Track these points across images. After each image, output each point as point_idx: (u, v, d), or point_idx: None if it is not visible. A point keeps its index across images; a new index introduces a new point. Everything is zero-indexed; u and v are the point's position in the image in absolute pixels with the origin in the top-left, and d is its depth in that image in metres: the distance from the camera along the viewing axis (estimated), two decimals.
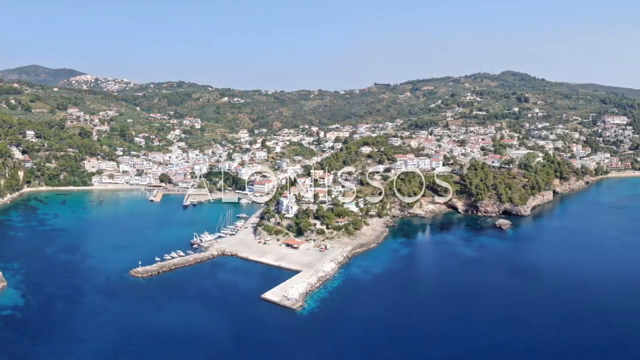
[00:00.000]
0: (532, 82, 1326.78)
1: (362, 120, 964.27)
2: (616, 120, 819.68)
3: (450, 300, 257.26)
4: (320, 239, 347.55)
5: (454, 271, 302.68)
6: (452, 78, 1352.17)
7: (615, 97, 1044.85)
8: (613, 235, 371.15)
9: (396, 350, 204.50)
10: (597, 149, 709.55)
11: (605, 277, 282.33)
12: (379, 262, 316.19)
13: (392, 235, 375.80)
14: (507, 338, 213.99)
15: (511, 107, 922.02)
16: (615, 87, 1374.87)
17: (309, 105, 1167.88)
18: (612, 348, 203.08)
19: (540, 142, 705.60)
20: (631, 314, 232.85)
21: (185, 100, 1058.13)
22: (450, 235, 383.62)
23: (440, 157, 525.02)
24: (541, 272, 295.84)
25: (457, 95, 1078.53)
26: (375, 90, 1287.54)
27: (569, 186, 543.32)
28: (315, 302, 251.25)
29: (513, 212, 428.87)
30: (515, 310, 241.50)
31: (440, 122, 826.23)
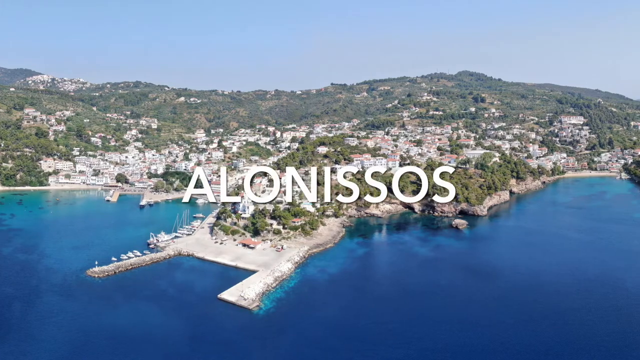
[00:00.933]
0: (488, 82, 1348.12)
1: (319, 120, 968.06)
2: (573, 120, 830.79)
3: (407, 300, 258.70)
4: (276, 239, 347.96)
5: (411, 271, 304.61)
6: (408, 78, 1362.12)
7: (571, 97, 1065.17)
8: (569, 235, 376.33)
9: (352, 351, 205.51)
10: (554, 149, 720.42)
11: (562, 276, 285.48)
12: (336, 262, 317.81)
13: (349, 235, 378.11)
14: (463, 338, 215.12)
15: (468, 107, 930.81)
16: (572, 87, 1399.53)
17: (266, 105, 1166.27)
18: (568, 348, 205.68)
19: (496, 142, 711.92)
20: (587, 313, 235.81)
21: (141, 100, 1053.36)
22: (407, 235, 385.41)
23: (396, 157, 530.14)
24: (497, 272, 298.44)
25: (413, 95, 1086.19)
26: (332, 90, 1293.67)
27: (525, 186, 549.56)
28: (272, 302, 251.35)
29: (469, 212, 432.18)
30: (471, 310, 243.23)
31: (397, 122, 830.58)
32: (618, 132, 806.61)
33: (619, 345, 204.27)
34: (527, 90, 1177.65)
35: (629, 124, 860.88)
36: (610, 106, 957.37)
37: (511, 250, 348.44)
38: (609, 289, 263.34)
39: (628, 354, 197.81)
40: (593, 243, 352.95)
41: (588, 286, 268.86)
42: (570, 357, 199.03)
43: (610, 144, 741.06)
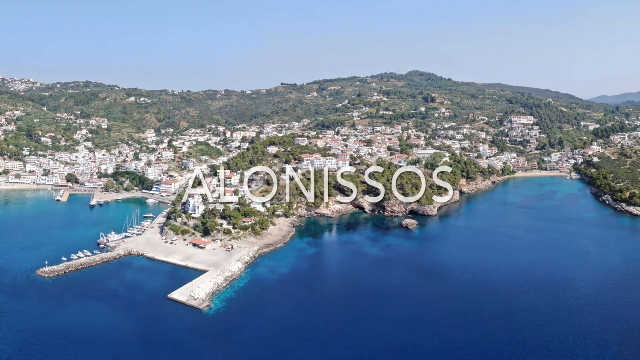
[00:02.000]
0: (438, 82, 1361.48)
1: (269, 120, 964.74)
2: (523, 120, 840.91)
3: (357, 299, 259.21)
4: (227, 239, 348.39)
5: (361, 271, 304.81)
6: (359, 78, 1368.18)
7: (522, 97, 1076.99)
8: (520, 235, 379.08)
9: (303, 351, 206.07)
10: (504, 149, 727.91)
11: (512, 276, 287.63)
12: (286, 262, 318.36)
13: (299, 235, 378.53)
14: (414, 338, 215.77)
15: (418, 107, 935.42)
16: (522, 87, 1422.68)
17: (216, 105, 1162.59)
18: (518, 348, 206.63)
19: (447, 142, 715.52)
20: (537, 313, 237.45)
21: (92, 100, 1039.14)
22: (357, 235, 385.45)
23: (347, 157, 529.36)
24: (448, 271, 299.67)
25: (364, 95, 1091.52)
26: (282, 90, 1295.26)
27: (475, 186, 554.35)
28: (222, 302, 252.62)
29: (420, 212, 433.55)
30: (422, 310, 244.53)
31: (347, 122, 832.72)
32: (568, 132, 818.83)
33: (569, 345, 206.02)
34: (477, 90, 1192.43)
35: (580, 124, 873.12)
36: (561, 106, 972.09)
37: (462, 250, 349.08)
38: (560, 289, 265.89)
39: (578, 354, 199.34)
40: (543, 243, 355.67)
41: (538, 286, 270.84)
42: (521, 357, 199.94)
43: (561, 144, 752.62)
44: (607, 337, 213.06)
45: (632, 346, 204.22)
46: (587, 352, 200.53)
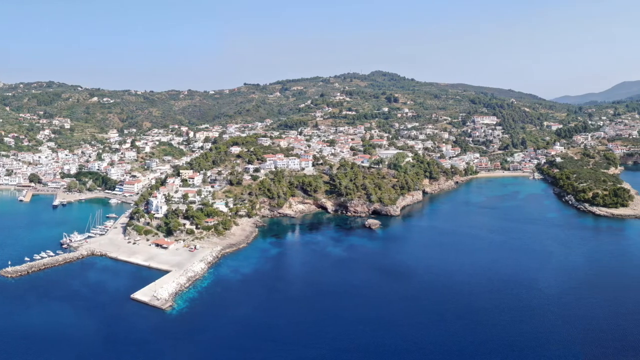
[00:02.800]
0: (401, 82, 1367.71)
1: (232, 120, 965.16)
2: (486, 120, 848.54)
3: (320, 300, 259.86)
4: (189, 239, 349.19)
5: (324, 271, 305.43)
6: (321, 78, 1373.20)
7: (485, 97, 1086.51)
8: (482, 235, 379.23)
9: (265, 351, 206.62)
10: (467, 149, 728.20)
11: (475, 277, 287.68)
12: (249, 262, 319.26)
13: (262, 235, 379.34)
14: (376, 338, 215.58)
15: (381, 107, 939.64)
16: (485, 87, 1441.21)
17: (179, 105, 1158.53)
18: (481, 348, 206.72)
19: (409, 142, 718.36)
20: (500, 313, 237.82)
21: (54, 100, 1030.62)
22: (320, 235, 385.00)
23: (309, 157, 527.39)
24: (411, 272, 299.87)
25: (326, 95, 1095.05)
26: (245, 90, 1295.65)
27: (438, 186, 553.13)
28: (185, 302, 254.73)
29: (383, 212, 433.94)
30: (384, 310, 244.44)
31: (310, 122, 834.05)
32: (531, 132, 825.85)
33: (532, 346, 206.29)
34: (440, 90, 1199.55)
35: (542, 124, 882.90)
36: (524, 106, 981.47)
37: (424, 250, 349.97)
38: (522, 289, 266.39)
39: (541, 354, 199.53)
40: (506, 243, 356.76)
41: (501, 286, 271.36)
42: (484, 357, 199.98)
43: (524, 144, 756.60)
44: (570, 337, 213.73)
45: (595, 346, 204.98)
46: (550, 352, 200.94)
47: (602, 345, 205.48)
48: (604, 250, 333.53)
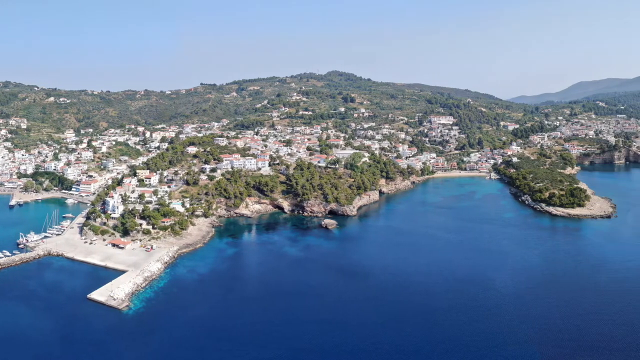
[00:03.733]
0: (358, 82, 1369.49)
1: (188, 121, 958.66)
2: (442, 120, 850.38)
3: (277, 300, 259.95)
4: (146, 239, 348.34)
5: (280, 271, 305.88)
6: (278, 78, 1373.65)
7: (441, 97, 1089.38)
8: (439, 235, 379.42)
9: (222, 350, 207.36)
10: (424, 149, 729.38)
11: (431, 277, 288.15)
12: (205, 262, 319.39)
13: (218, 235, 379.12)
14: (333, 338, 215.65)
15: (337, 107, 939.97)
16: (442, 87, 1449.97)
17: (135, 105, 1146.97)
18: (438, 348, 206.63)
19: (366, 142, 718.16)
20: (457, 313, 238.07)
21: (11, 100, 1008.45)
22: (277, 235, 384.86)
23: (266, 157, 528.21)
24: (367, 272, 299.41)
25: (283, 95, 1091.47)
26: (202, 90, 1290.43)
27: (395, 186, 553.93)
28: (141, 302, 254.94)
29: (339, 212, 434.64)
30: (341, 310, 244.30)
31: (267, 122, 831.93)
32: (488, 132, 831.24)
33: (489, 345, 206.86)
34: (396, 90, 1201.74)
35: (499, 124, 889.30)
36: (480, 106, 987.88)
37: (381, 250, 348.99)
38: (479, 289, 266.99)
39: (498, 354, 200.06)
40: (463, 243, 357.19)
41: (458, 286, 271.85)
42: (440, 357, 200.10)
43: (480, 144, 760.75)
44: (527, 337, 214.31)
45: (552, 346, 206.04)
46: (507, 352, 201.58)
47: (558, 345, 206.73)
48: (561, 250, 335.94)
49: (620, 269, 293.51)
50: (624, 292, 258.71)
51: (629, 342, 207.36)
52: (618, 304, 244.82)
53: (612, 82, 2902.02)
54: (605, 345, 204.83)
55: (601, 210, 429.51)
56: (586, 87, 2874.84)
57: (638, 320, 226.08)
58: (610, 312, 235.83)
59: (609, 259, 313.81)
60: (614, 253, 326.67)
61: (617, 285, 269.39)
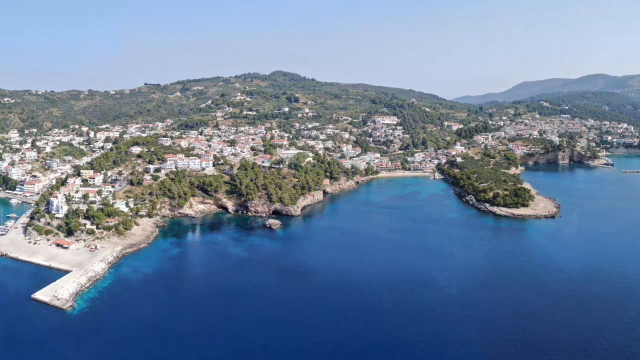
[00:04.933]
0: (302, 82, 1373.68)
1: (133, 121, 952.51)
2: (386, 120, 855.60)
3: (221, 300, 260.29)
4: (90, 239, 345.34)
5: (225, 271, 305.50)
6: (222, 78, 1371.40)
7: (385, 97, 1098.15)
8: (383, 235, 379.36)
9: (166, 351, 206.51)
10: (367, 149, 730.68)
11: (375, 277, 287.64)
12: (149, 262, 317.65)
13: (163, 235, 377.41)
14: (277, 338, 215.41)
15: (281, 107, 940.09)
16: (386, 87, 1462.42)
17: (80, 106, 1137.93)
18: (382, 347, 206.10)
19: (310, 142, 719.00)
20: (401, 313, 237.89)
21: None
22: (221, 235, 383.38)
23: (210, 157, 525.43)
24: (311, 272, 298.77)
25: (227, 95, 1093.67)
26: (146, 90, 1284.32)
27: (339, 186, 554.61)
28: (86, 302, 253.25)
29: (283, 212, 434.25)
30: (285, 310, 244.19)
31: (211, 122, 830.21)
32: (432, 132, 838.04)
33: (433, 345, 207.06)
34: (340, 90, 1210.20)
35: (443, 124, 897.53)
36: (424, 106, 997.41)
37: (325, 250, 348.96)
38: (423, 289, 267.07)
39: (442, 354, 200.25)
40: (407, 243, 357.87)
41: (402, 286, 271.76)
42: (384, 357, 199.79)
43: (424, 144, 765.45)
44: (471, 337, 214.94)
45: (495, 346, 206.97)
46: (450, 352, 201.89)
47: (502, 345, 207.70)
48: (505, 250, 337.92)
49: (564, 269, 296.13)
50: (568, 292, 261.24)
51: (572, 342, 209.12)
52: (562, 304, 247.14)
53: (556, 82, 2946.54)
54: (549, 346, 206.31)
55: (545, 210, 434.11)
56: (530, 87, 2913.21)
57: (582, 321, 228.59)
58: (554, 312, 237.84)
59: (553, 259, 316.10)
60: (558, 253, 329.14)
61: (561, 285, 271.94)
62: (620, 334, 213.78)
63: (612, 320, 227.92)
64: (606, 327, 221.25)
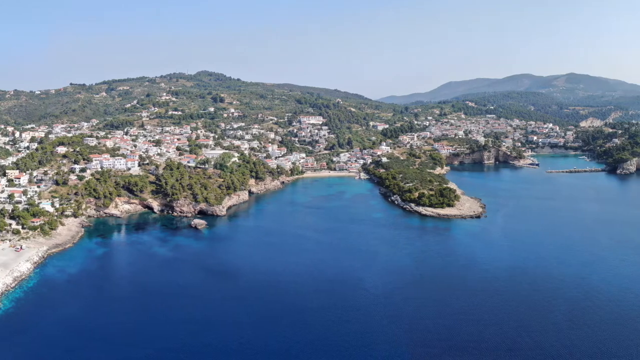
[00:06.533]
0: (227, 82, 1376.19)
1: (58, 121, 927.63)
2: (312, 120, 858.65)
3: (146, 299, 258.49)
4: (15, 239, 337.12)
5: (150, 271, 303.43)
6: (147, 78, 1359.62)
7: (310, 97, 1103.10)
8: (309, 235, 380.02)
9: (92, 350, 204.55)
10: (293, 149, 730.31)
11: (301, 276, 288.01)
12: (75, 262, 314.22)
13: (88, 235, 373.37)
14: (203, 337, 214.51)
15: (207, 107, 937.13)
16: (311, 87, 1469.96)
17: (5, 105, 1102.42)
18: (308, 347, 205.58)
19: (236, 142, 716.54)
20: (326, 313, 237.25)
21: None
22: (146, 235, 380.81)
23: (136, 157, 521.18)
24: (237, 271, 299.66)
25: (152, 95, 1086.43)
26: (72, 90, 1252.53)
27: (264, 186, 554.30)
28: (11, 302, 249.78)
29: (209, 212, 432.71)
30: (211, 310, 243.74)
31: (136, 122, 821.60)
32: (357, 132, 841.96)
33: (359, 345, 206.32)
34: (266, 90, 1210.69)
35: (368, 124, 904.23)
36: (350, 106, 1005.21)
37: (250, 250, 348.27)
38: (348, 289, 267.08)
39: (368, 354, 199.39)
40: (332, 243, 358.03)
41: (327, 286, 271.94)
42: (310, 356, 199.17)
43: (350, 144, 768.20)
44: (397, 337, 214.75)
45: (421, 346, 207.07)
46: (376, 352, 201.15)
47: (428, 345, 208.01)
48: (430, 250, 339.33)
49: (489, 269, 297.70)
50: (493, 292, 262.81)
51: (498, 342, 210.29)
52: (487, 303, 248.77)
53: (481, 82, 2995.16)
54: (474, 346, 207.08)
55: (471, 210, 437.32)
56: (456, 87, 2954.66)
57: (507, 320, 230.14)
58: (479, 312, 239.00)
59: (478, 259, 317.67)
60: (483, 253, 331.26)
61: (487, 285, 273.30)
62: (546, 334, 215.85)
63: (537, 320, 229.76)
64: (531, 327, 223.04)
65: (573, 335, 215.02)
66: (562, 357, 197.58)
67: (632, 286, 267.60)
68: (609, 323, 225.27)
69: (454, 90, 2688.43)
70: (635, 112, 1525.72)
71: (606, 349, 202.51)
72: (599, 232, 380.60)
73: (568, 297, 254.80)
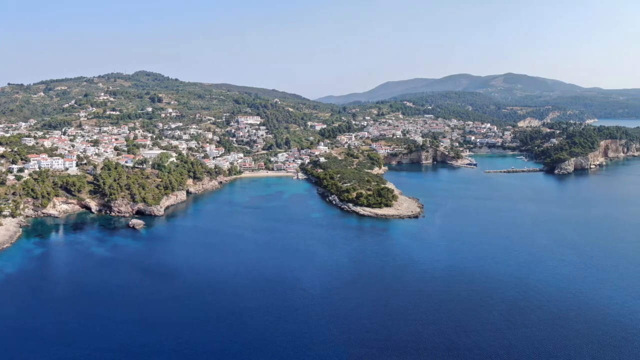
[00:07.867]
0: (165, 82, 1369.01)
1: None
2: (250, 120, 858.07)
3: (84, 300, 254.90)
4: None
5: (88, 271, 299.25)
6: (85, 78, 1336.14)
7: (248, 97, 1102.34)
8: (246, 235, 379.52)
9: (28, 351, 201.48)
10: (231, 149, 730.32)
11: (239, 276, 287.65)
12: (12, 262, 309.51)
13: (26, 235, 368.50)
14: (140, 338, 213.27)
15: (145, 107, 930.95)
16: (249, 87, 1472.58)
17: None
18: (245, 348, 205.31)
19: (173, 142, 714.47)
20: (264, 313, 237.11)
21: None
22: (84, 235, 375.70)
23: (73, 157, 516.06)
24: (175, 271, 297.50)
25: (90, 95, 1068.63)
26: (9, 90, 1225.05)
27: (202, 186, 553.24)
28: None
29: (147, 212, 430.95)
30: (148, 310, 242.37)
31: (74, 122, 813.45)
32: (295, 132, 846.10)
33: (297, 345, 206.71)
34: (204, 90, 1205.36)
35: (306, 124, 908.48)
36: (288, 106, 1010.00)
37: (188, 250, 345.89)
38: (286, 289, 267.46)
39: (306, 355, 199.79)
40: (270, 243, 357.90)
41: (265, 286, 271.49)
42: (248, 357, 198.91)
43: (288, 144, 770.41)
44: (334, 337, 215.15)
45: (359, 346, 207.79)
46: (314, 352, 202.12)
47: (366, 345, 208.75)
48: (368, 250, 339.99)
49: (427, 269, 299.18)
50: (431, 292, 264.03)
51: (436, 342, 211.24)
52: (425, 303, 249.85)
53: (419, 82, 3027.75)
54: (412, 345, 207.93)
55: (409, 210, 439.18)
56: (393, 87, 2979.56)
57: (445, 320, 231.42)
58: (417, 312, 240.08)
59: (416, 259, 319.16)
60: (421, 253, 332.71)
61: (425, 285, 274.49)
62: (484, 334, 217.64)
63: (475, 320, 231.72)
64: (469, 327, 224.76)
65: (511, 335, 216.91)
66: (500, 357, 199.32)
67: (570, 286, 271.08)
68: (547, 323, 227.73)
69: (392, 90, 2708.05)
70: (572, 112, 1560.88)
71: (544, 349, 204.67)
72: (537, 232, 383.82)
73: (506, 297, 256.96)
